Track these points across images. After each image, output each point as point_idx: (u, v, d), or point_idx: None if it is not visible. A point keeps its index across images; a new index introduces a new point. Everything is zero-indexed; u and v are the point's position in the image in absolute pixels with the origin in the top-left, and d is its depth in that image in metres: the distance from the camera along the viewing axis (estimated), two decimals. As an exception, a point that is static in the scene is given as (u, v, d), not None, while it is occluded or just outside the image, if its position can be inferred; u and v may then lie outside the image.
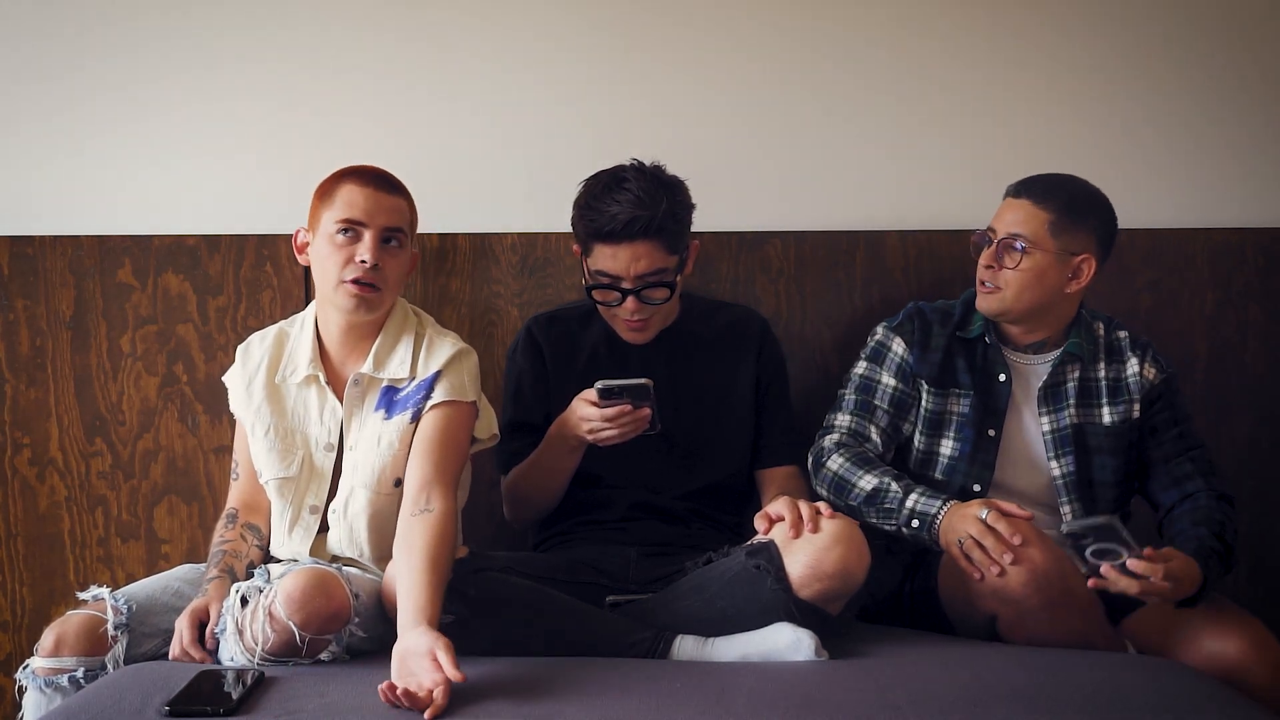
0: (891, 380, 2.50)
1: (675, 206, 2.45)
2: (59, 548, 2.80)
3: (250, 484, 2.39)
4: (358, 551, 2.29)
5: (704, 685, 1.97)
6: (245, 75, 2.82)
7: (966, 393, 2.48)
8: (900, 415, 2.50)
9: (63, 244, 2.79)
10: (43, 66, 2.81)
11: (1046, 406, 2.47)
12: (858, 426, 2.49)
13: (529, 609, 2.19)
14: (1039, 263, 2.40)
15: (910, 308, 2.56)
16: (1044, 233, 2.40)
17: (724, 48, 2.86)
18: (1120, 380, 2.50)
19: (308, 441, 2.34)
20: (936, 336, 2.51)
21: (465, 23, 2.84)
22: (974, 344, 2.50)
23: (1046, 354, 2.50)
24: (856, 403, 2.51)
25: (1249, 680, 2.21)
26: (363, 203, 2.27)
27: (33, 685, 2.16)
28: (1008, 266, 2.41)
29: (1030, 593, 2.18)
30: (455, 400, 2.29)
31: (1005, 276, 2.41)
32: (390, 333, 2.34)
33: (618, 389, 2.35)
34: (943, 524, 2.28)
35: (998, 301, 2.44)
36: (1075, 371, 2.49)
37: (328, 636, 2.05)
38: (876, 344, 2.54)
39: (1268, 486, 2.86)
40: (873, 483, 2.37)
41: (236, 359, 2.42)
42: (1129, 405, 2.48)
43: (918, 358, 2.50)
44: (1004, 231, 2.42)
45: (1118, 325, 2.55)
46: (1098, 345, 2.51)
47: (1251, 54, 2.89)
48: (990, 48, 2.88)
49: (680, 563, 2.35)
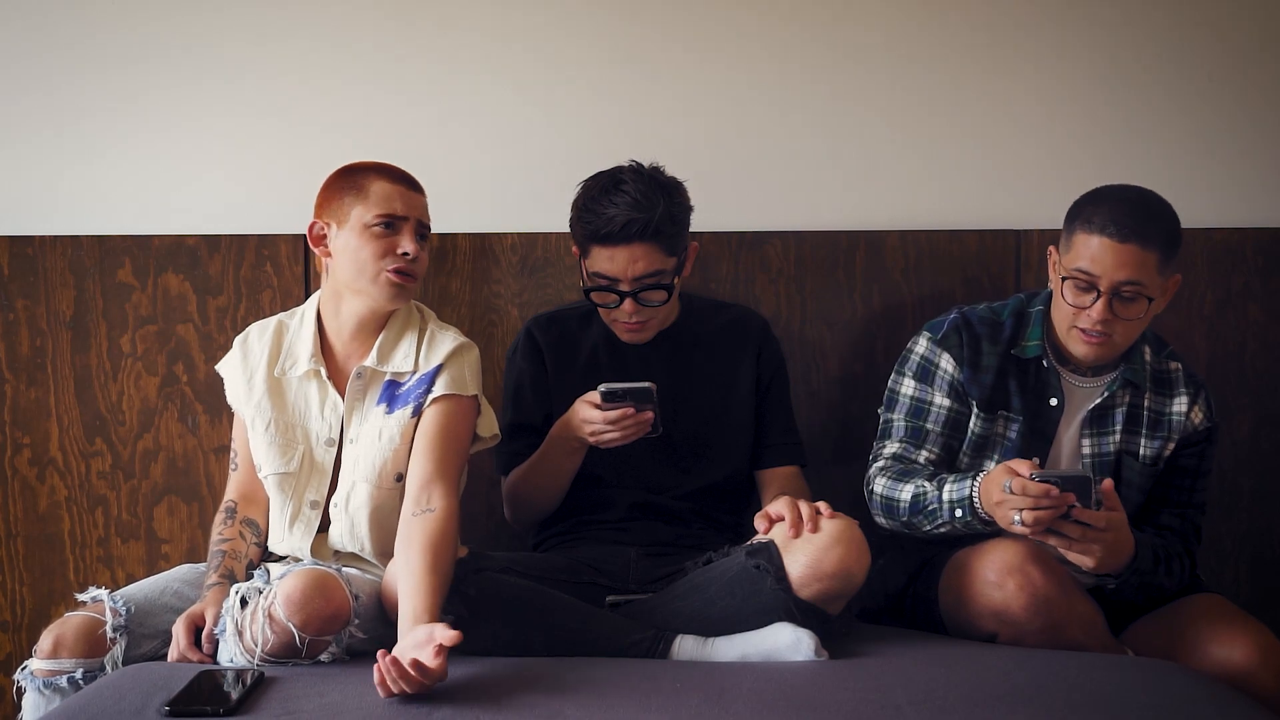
0: (944, 400, 2.37)
1: (673, 208, 2.45)
2: (59, 548, 2.80)
3: (249, 475, 2.38)
4: (359, 546, 2.29)
5: (704, 685, 1.97)
6: (245, 76, 2.82)
7: (1016, 417, 2.36)
8: (955, 436, 2.38)
9: (63, 244, 2.79)
10: (43, 67, 2.81)
11: (1092, 429, 2.37)
12: (906, 453, 2.36)
13: (529, 609, 2.19)
14: (1156, 307, 2.27)
15: (956, 318, 2.40)
16: (1155, 275, 2.23)
17: (724, 48, 2.86)
18: (1164, 414, 2.38)
19: (308, 436, 2.34)
20: (987, 355, 2.37)
21: (465, 23, 2.84)
22: (1027, 364, 2.37)
23: (1104, 376, 2.38)
24: (908, 429, 2.38)
25: (1256, 685, 2.19)
26: (400, 198, 2.30)
27: (31, 686, 2.17)
28: (1125, 317, 2.24)
29: (1032, 615, 2.16)
30: (456, 394, 2.29)
31: (1119, 326, 2.25)
32: (394, 327, 2.34)
33: (620, 392, 2.35)
34: (982, 501, 2.18)
35: (1109, 350, 2.29)
36: (1124, 398, 2.37)
37: (327, 638, 2.05)
38: (922, 360, 2.41)
39: (1268, 486, 2.86)
40: (911, 490, 2.27)
41: (234, 349, 2.41)
42: (1165, 442, 2.38)
43: (969, 377, 2.36)
44: (1117, 279, 2.22)
45: (1170, 354, 2.42)
46: (1145, 370, 2.39)
47: (1252, 54, 2.88)
48: (991, 47, 2.87)
49: (680, 563, 2.36)
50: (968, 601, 2.24)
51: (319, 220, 2.34)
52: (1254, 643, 2.25)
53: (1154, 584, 2.31)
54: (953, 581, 2.27)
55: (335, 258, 2.32)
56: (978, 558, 2.23)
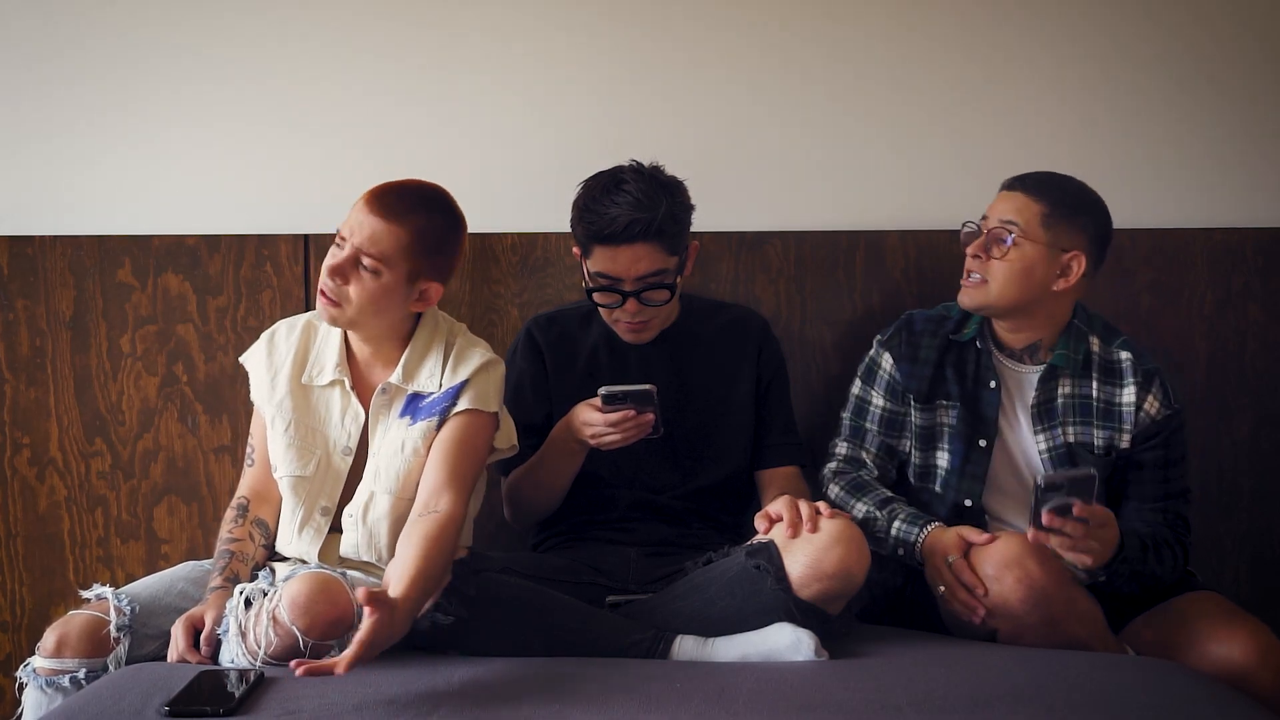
0: (881, 400, 2.50)
1: (675, 208, 2.45)
2: (59, 548, 2.80)
3: (264, 472, 2.36)
4: (375, 556, 2.26)
5: (704, 685, 1.97)
6: (245, 76, 2.82)
7: (955, 403, 2.44)
8: (893, 434, 2.50)
9: (63, 244, 2.79)
10: (43, 68, 2.81)
11: (1041, 424, 2.43)
12: (851, 452, 2.51)
13: (529, 609, 2.19)
14: (1028, 255, 2.35)
15: (902, 319, 2.52)
16: (1036, 224, 2.35)
17: (724, 49, 2.86)
18: (1113, 405, 2.42)
19: (327, 443, 2.32)
20: (926, 348, 2.47)
21: (465, 23, 2.84)
22: (966, 349, 2.46)
23: (1039, 364, 2.45)
24: (850, 427, 2.53)
25: (1255, 684, 2.20)
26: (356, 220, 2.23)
27: (33, 684, 2.16)
28: (995, 257, 2.36)
29: (1030, 609, 2.17)
30: (478, 410, 2.28)
31: (992, 268, 2.36)
32: (420, 343, 2.32)
33: (621, 394, 2.35)
34: (924, 551, 2.31)
35: (981, 294, 2.38)
36: (1065, 386, 2.43)
37: (331, 642, 2.04)
38: (870, 361, 2.53)
39: (1268, 486, 2.86)
40: (863, 511, 2.39)
41: (260, 344, 2.38)
42: (1116, 433, 2.41)
43: (906, 372, 2.47)
44: (995, 220, 2.38)
45: (1125, 344, 2.45)
46: (1090, 361, 2.43)
47: (1252, 54, 2.88)
48: (991, 47, 2.87)
49: (680, 563, 2.36)
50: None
51: None
52: (1253, 641, 2.26)
53: (1146, 573, 2.32)
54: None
55: None
56: (976, 553, 2.24)
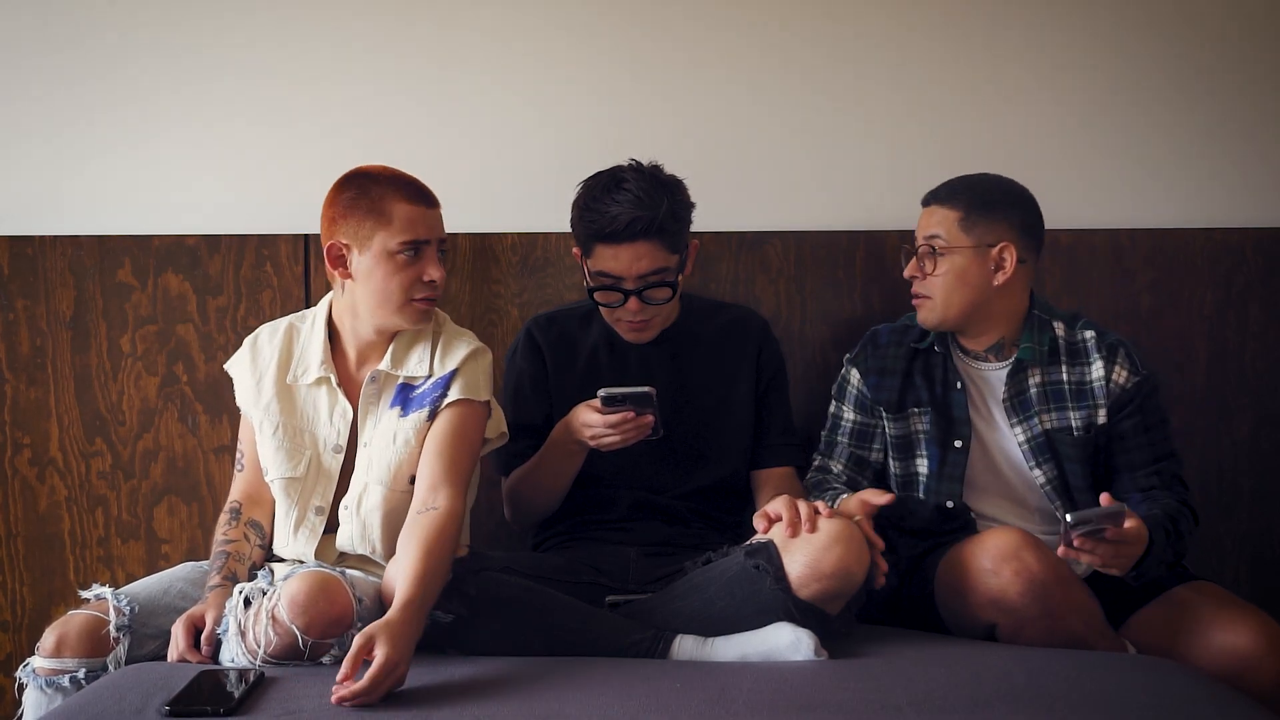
0: (851, 414, 2.55)
1: (675, 206, 2.45)
2: (59, 548, 2.80)
3: (255, 476, 2.37)
4: (369, 548, 2.28)
5: (704, 685, 1.97)
6: (245, 76, 2.82)
7: (925, 410, 2.48)
8: (863, 446, 2.55)
9: (63, 244, 2.79)
10: (43, 68, 2.81)
11: (1016, 417, 2.45)
12: (823, 464, 2.57)
13: (529, 609, 2.19)
14: (957, 262, 2.41)
15: (867, 334, 2.58)
16: (956, 230, 2.41)
17: (724, 49, 2.86)
18: (1085, 384, 2.44)
19: (316, 442, 2.33)
20: (892, 358, 2.52)
21: (464, 23, 2.84)
22: (930, 356, 2.50)
23: (1005, 361, 2.46)
24: (825, 442, 2.59)
25: (1259, 672, 2.20)
26: (422, 220, 2.27)
27: (33, 684, 2.16)
28: (930, 273, 2.43)
29: (1029, 602, 2.17)
30: (470, 400, 2.29)
31: (931, 284, 2.43)
32: (408, 331, 2.33)
33: (620, 396, 2.35)
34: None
35: (930, 311, 2.45)
36: (1035, 376, 2.45)
37: (330, 640, 2.05)
38: (841, 378, 2.58)
39: (1268, 486, 2.86)
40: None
41: (244, 350, 2.40)
42: (1093, 410, 2.42)
43: (874, 385, 2.52)
44: (920, 239, 2.45)
45: (1087, 324, 2.47)
46: (1057, 347, 2.45)
47: (1251, 54, 2.89)
48: (990, 48, 2.88)
49: (680, 563, 2.35)
50: (965, 592, 2.24)
51: (337, 240, 2.27)
52: (1257, 628, 2.26)
53: (1179, 552, 2.33)
54: (949, 574, 2.28)
55: (356, 280, 2.28)
56: (973, 548, 2.25)
